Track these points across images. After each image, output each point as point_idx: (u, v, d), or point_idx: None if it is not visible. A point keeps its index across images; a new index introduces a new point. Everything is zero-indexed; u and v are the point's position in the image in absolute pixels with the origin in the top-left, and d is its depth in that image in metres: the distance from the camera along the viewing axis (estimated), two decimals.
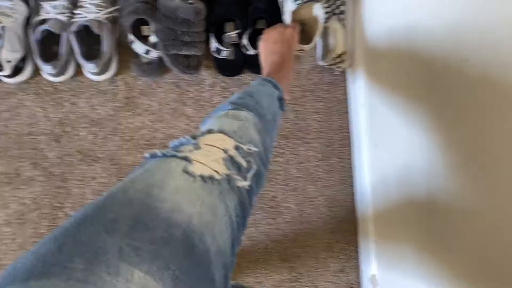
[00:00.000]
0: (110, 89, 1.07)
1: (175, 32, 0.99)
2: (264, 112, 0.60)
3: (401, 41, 0.83)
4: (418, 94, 0.78)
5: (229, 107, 0.56)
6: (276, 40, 0.84)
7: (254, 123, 0.54)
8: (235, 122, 0.52)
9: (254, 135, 0.52)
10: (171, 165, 0.40)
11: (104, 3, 1.01)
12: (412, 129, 0.81)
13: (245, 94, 0.62)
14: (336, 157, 1.11)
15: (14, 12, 1.00)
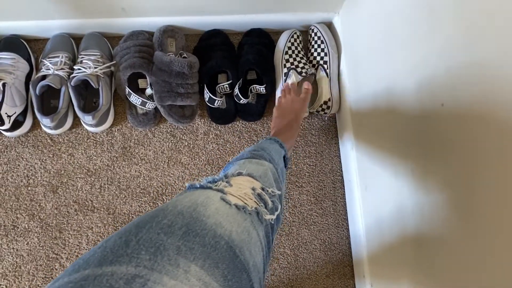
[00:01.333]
0: (107, 140, 1.10)
1: (170, 84, 1.04)
2: (277, 167, 0.68)
3: (381, 89, 0.88)
4: (402, 138, 0.82)
5: (250, 156, 0.64)
6: (287, 108, 0.96)
7: (273, 172, 0.62)
8: (260, 168, 0.59)
9: (273, 182, 0.59)
10: (209, 194, 0.47)
11: (102, 58, 1.06)
12: (399, 171, 0.84)
13: (258, 147, 0.71)
14: (330, 200, 1.13)
15: (15, 69, 1.04)
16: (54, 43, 1.08)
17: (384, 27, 0.86)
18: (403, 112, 0.81)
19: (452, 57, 0.62)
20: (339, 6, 1.08)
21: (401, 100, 0.81)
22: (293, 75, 1.06)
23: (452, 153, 0.65)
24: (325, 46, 1.10)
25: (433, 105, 0.69)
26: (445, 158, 0.67)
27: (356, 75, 1.03)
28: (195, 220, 0.40)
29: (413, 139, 0.77)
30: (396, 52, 0.82)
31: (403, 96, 0.80)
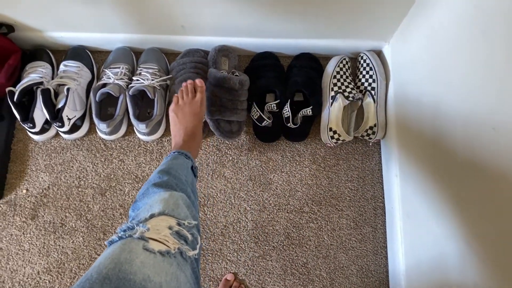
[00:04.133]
0: (157, 149, 1.15)
1: (220, 99, 1.08)
2: (185, 187, 0.69)
3: (428, 117, 0.88)
4: (449, 171, 0.81)
5: (157, 190, 0.64)
6: (186, 112, 0.91)
7: (183, 201, 0.63)
8: (170, 200, 0.60)
9: (187, 211, 0.61)
10: (131, 245, 0.47)
11: (159, 72, 1.13)
12: (444, 206, 0.83)
13: (163, 173, 0.70)
14: (370, 227, 1.12)
15: (79, 77, 1.12)
16: (116, 55, 1.16)
17: (434, 58, 0.88)
18: (450, 142, 0.81)
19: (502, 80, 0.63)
20: (390, 35, 1.11)
21: (449, 129, 0.81)
22: (340, 99, 1.08)
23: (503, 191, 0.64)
24: (374, 72, 1.12)
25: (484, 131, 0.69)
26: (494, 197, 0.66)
27: (404, 103, 1.04)
28: (123, 281, 0.41)
29: (461, 172, 0.77)
30: (445, 81, 0.83)
31: (451, 126, 0.80)
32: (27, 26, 1.10)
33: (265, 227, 1.12)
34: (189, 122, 0.90)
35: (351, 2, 0.94)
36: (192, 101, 0.93)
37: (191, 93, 0.95)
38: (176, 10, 1.00)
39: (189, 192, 0.69)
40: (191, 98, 0.94)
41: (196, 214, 0.65)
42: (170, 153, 0.81)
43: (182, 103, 0.93)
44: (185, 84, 0.97)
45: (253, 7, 0.97)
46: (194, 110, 0.92)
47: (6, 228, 1.08)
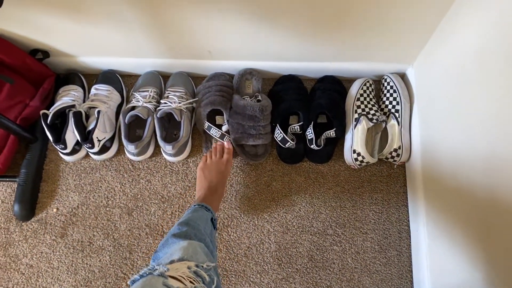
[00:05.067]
0: (182, 170, 1.18)
1: (243, 126, 1.11)
2: (204, 237, 0.74)
3: (454, 137, 0.88)
4: (475, 196, 0.80)
5: (176, 240, 0.68)
6: (212, 170, 1.01)
7: (202, 249, 0.67)
8: (189, 248, 0.64)
9: (205, 257, 0.65)
10: (152, 281, 0.51)
11: (186, 95, 1.16)
12: (471, 230, 0.82)
13: (183, 224, 0.75)
14: (394, 250, 1.11)
15: (109, 100, 1.16)
16: (145, 79, 1.20)
17: (459, 81, 0.88)
18: (477, 163, 0.80)
19: None
20: (413, 58, 1.11)
21: (476, 151, 0.81)
22: (364, 121, 1.09)
23: None
24: (398, 95, 1.12)
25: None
26: None
27: (428, 126, 1.04)
28: None
29: (489, 195, 0.76)
30: (470, 105, 0.83)
31: (478, 147, 0.79)
32: (61, 52, 1.15)
33: (289, 249, 1.12)
34: (214, 178, 0.99)
35: (375, 25, 0.96)
36: (219, 161, 1.03)
37: (219, 153, 1.05)
38: (203, 37, 1.04)
39: (207, 241, 0.73)
40: (219, 158, 1.04)
41: (214, 260, 0.69)
42: (192, 206, 0.87)
43: (210, 162, 1.02)
44: (214, 145, 1.08)
45: (277, 33, 1.00)
46: (220, 169, 1.01)
47: (36, 246, 1.12)
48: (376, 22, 0.94)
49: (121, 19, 0.96)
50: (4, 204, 1.15)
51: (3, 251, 1.11)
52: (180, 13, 0.93)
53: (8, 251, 1.11)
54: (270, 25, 0.97)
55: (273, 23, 0.96)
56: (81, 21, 0.97)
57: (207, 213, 0.86)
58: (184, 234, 0.71)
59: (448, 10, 0.88)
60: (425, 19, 0.92)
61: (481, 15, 0.77)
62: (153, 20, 0.97)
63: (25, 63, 1.10)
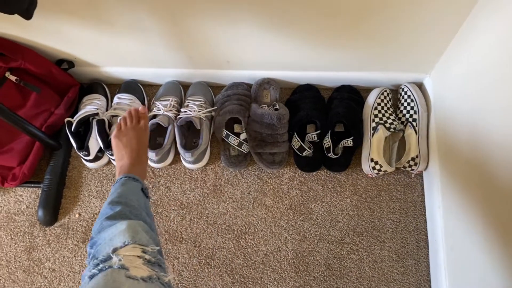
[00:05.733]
0: (201, 177, 1.20)
1: (261, 134, 1.13)
2: (139, 212, 0.69)
3: (472, 147, 0.88)
4: (494, 201, 0.80)
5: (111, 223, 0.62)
6: (131, 136, 0.89)
7: (141, 227, 0.62)
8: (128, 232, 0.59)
9: (147, 237, 0.60)
10: (113, 276, 0.49)
11: (205, 104, 1.19)
12: (490, 239, 0.82)
13: (114, 203, 0.68)
14: (412, 259, 1.11)
15: None
16: (166, 88, 1.23)
17: (477, 90, 0.88)
18: (495, 173, 0.80)
19: None
20: (431, 68, 1.12)
21: (494, 161, 0.81)
22: (381, 130, 1.10)
23: None
24: (415, 104, 1.13)
25: None
26: None
27: (446, 135, 1.04)
28: None
29: (508, 204, 0.76)
30: (489, 114, 0.83)
31: (497, 157, 0.80)
32: (86, 62, 1.19)
33: (306, 257, 1.12)
34: (134, 145, 0.88)
35: (392, 35, 0.97)
36: (136, 126, 0.92)
37: (135, 119, 0.94)
38: (222, 47, 1.06)
39: (144, 216, 0.68)
40: (136, 124, 0.93)
41: (156, 237, 0.64)
42: (117, 179, 0.79)
43: (125, 129, 0.91)
44: (128, 111, 0.96)
45: (294, 43, 1.02)
46: (139, 134, 0.91)
47: (59, 250, 1.14)
48: (393, 32, 0.96)
49: (143, 30, 0.99)
50: (29, 209, 1.19)
51: (27, 255, 1.14)
52: (200, 25, 0.96)
53: (32, 255, 1.14)
54: (287, 35, 0.99)
55: (290, 33, 0.99)
56: (105, 32, 1.01)
57: (136, 183, 0.77)
58: (118, 215, 0.65)
59: (466, 19, 0.89)
60: (442, 28, 0.93)
61: (501, 22, 0.78)
62: (174, 32, 1.00)
63: (51, 72, 1.14)
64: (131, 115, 0.95)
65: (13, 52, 1.04)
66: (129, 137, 0.89)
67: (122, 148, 0.87)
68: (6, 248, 1.15)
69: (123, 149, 0.87)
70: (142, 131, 0.92)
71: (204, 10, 0.90)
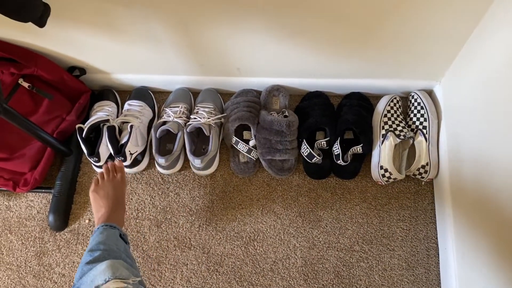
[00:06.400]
0: (210, 183, 1.20)
1: (270, 141, 1.13)
2: (118, 254, 0.72)
3: (483, 155, 0.87)
4: (506, 209, 0.79)
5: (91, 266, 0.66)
6: (107, 189, 0.96)
7: (121, 264, 0.65)
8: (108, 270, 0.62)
9: (127, 271, 0.63)
10: None
11: (214, 111, 1.19)
12: (500, 246, 0.81)
13: (93, 251, 0.73)
14: (422, 268, 1.10)
15: (141, 115, 1.21)
16: (175, 95, 1.24)
17: (488, 98, 0.88)
18: (507, 182, 0.80)
19: None
20: (441, 75, 1.12)
21: (505, 169, 0.80)
22: (391, 137, 1.09)
23: None
24: (425, 112, 1.13)
25: None
26: None
27: (457, 143, 1.03)
28: None
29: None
30: (501, 122, 0.82)
31: (509, 166, 0.79)
32: (97, 69, 1.21)
33: (315, 264, 1.12)
34: (110, 196, 0.94)
35: (402, 43, 0.97)
36: (113, 179, 0.99)
37: (112, 173, 1.01)
38: (232, 54, 1.07)
39: (124, 257, 0.72)
40: (112, 177, 0.99)
41: (137, 272, 0.68)
42: (95, 229, 0.84)
43: (102, 183, 0.98)
44: (105, 166, 1.03)
45: (304, 50, 1.02)
46: (115, 186, 0.97)
47: (69, 256, 1.15)
48: (403, 40, 0.96)
49: (153, 38, 1.00)
50: (40, 214, 1.20)
51: (37, 260, 1.15)
52: (211, 33, 0.97)
53: (42, 260, 1.15)
54: (297, 43, 1.00)
55: (300, 42, 0.99)
56: (117, 40, 1.02)
57: (113, 230, 0.83)
58: (97, 259, 0.69)
59: (476, 26, 0.88)
60: (453, 35, 0.93)
61: (511, 30, 0.77)
62: (185, 40, 1.01)
63: (63, 79, 1.16)
64: (108, 169, 1.01)
65: (26, 59, 1.06)
66: (106, 190, 0.96)
67: (99, 200, 0.94)
68: (17, 253, 1.16)
69: (100, 200, 0.94)
70: (118, 184, 0.98)
71: (215, 19, 0.91)
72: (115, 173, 1.01)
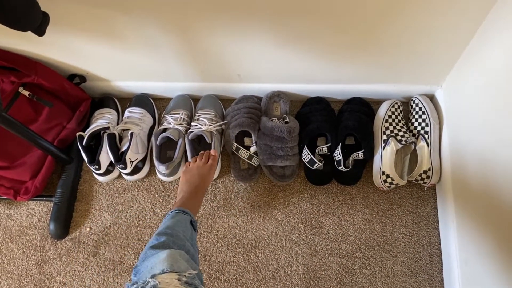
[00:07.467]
0: (211, 191, 1.20)
1: (271, 147, 1.13)
2: (183, 242, 0.73)
3: (485, 159, 0.87)
4: (509, 213, 0.79)
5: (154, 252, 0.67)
6: (194, 173, 1.00)
7: (182, 256, 0.66)
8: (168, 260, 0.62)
9: (186, 264, 0.64)
10: None
11: (215, 117, 1.19)
12: (504, 251, 0.80)
13: (160, 234, 0.74)
14: (426, 274, 1.09)
15: (142, 122, 1.21)
16: (176, 102, 1.24)
17: (489, 102, 0.87)
18: (510, 186, 0.79)
19: None
20: (442, 79, 1.11)
21: (509, 174, 0.79)
22: (393, 143, 1.09)
23: None
24: (427, 116, 1.12)
25: None
26: None
27: (459, 147, 1.03)
28: None
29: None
30: (504, 127, 0.82)
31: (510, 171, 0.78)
32: (97, 76, 1.21)
33: (317, 271, 1.11)
34: (195, 182, 0.98)
35: (402, 48, 0.97)
36: (203, 165, 1.03)
37: (205, 158, 1.05)
38: (233, 61, 1.07)
39: (187, 246, 0.73)
40: (203, 163, 1.03)
41: (196, 265, 0.68)
42: (169, 212, 0.86)
43: (193, 166, 1.02)
44: (202, 152, 1.08)
45: (304, 56, 1.02)
46: (202, 173, 1.01)
47: (70, 264, 1.15)
48: (404, 45, 0.96)
49: (154, 45, 1.00)
50: (41, 222, 1.19)
51: (38, 269, 1.14)
52: (212, 40, 0.97)
53: (43, 269, 1.14)
54: (297, 49, 1.00)
55: (300, 47, 0.99)
56: (116, 47, 1.02)
57: (185, 216, 0.84)
58: (162, 245, 0.70)
59: (477, 31, 0.88)
60: (453, 40, 0.93)
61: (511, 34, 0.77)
62: (185, 47, 1.01)
63: (63, 87, 1.16)
64: (202, 155, 1.06)
65: (26, 67, 1.06)
66: (192, 173, 1.00)
67: (184, 183, 0.98)
68: (18, 262, 1.15)
69: (185, 183, 0.98)
70: (206, 172, 1.02)
71: (215, 26, 0.91)
72: (207, 160, 1.05)
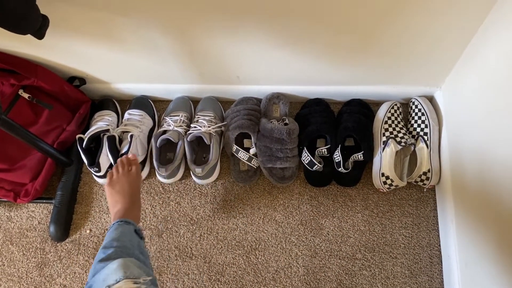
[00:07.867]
0: (211, 192, 1.20)
1: (270, 149, 1.13)
2: (132, 251, 0.72)
3: (485, 160, 0.87)
4: (510, 215, 0.79)
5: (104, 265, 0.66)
6: (122, 183, 0.93)
7: (133, 263, 0.65)
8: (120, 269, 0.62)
9: (139, 270, 0.63)
10: None
11: (215, 119, 1.19)
12: (504, 253, 0.80)
13: (106, 248, 0.72)
14: (426, 275, 1.09)
15: (142, 124, 1.21)
16: (176, 104, 1.24)
17: (489, 103, 0.87)
18: (509, 187, 0.79)
19: None
20: (441, 81, 1.11)
21: (509, 175, 0.79)
22: (392, 144, 1.09)
23: None
24: (426, 118, 1.12)
25: None
26: None
27: (458, 149, 1.03)
28: None
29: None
30: (503, 128, 0.82)
31: (511, 171, 0.78)
32: (97, 79, 1.21)
33: (317, 273, 1.11)
34: (127, 191, 0.92)
35: (402, 49, 0.97)
36: (129, 173, 0.97)
37: (127, 166, 0.99)
38: (232, 63, 1.07)
39: (137, 254, 0.72)
40: (127, 171, 0.97)
41: (149, 270, 0.68)
42: (111, 225, 0.83)
43: (117, 177, 0.95)
44: (119, 159, 1.01)
45: (303, 58, 1.02)
46: (131, 179, 0.95)
47: (70, 266, 1.15)
48: (403, 46, 0.96)
49: (153, 47, 1.00)
50: (41, 225, 1.19)
51: (39, 271, 1.15)
52: (211, 42, 0.97)
53: (43, 271, 1.15)
54: (297, 50, 1.00)
55: (299, 48, 0.99)
56: (116, 49, 1.02)
57: (128, 226, 0.82)
58: (110, 256, 0.68)
59: (476, 32, 0.88)
60: (452, 41, 0.93)
61: (510, 35, 0.77)
62: (185, 49, 1.01)
63: (63, 90, 1.16)
64: (123, 162, 0.99)
65: (26, 70, 1.06)
66: (121, 183, 0.93)
67: (115, 195, 0.92)
68: (18, 264, 1.16)
69: (116, 195, 0.91)
70: (134, 178, 0.96)
71: (215, 28, 0.91)
72: (129, 167, 0.99)
